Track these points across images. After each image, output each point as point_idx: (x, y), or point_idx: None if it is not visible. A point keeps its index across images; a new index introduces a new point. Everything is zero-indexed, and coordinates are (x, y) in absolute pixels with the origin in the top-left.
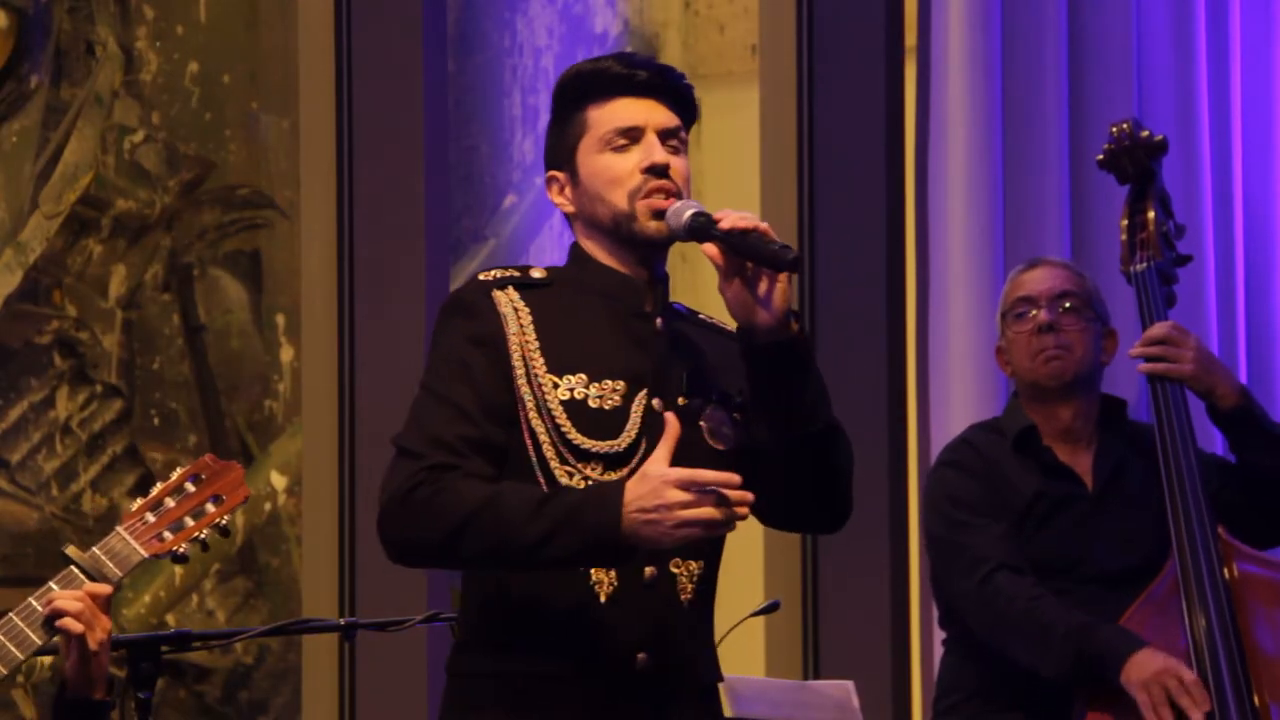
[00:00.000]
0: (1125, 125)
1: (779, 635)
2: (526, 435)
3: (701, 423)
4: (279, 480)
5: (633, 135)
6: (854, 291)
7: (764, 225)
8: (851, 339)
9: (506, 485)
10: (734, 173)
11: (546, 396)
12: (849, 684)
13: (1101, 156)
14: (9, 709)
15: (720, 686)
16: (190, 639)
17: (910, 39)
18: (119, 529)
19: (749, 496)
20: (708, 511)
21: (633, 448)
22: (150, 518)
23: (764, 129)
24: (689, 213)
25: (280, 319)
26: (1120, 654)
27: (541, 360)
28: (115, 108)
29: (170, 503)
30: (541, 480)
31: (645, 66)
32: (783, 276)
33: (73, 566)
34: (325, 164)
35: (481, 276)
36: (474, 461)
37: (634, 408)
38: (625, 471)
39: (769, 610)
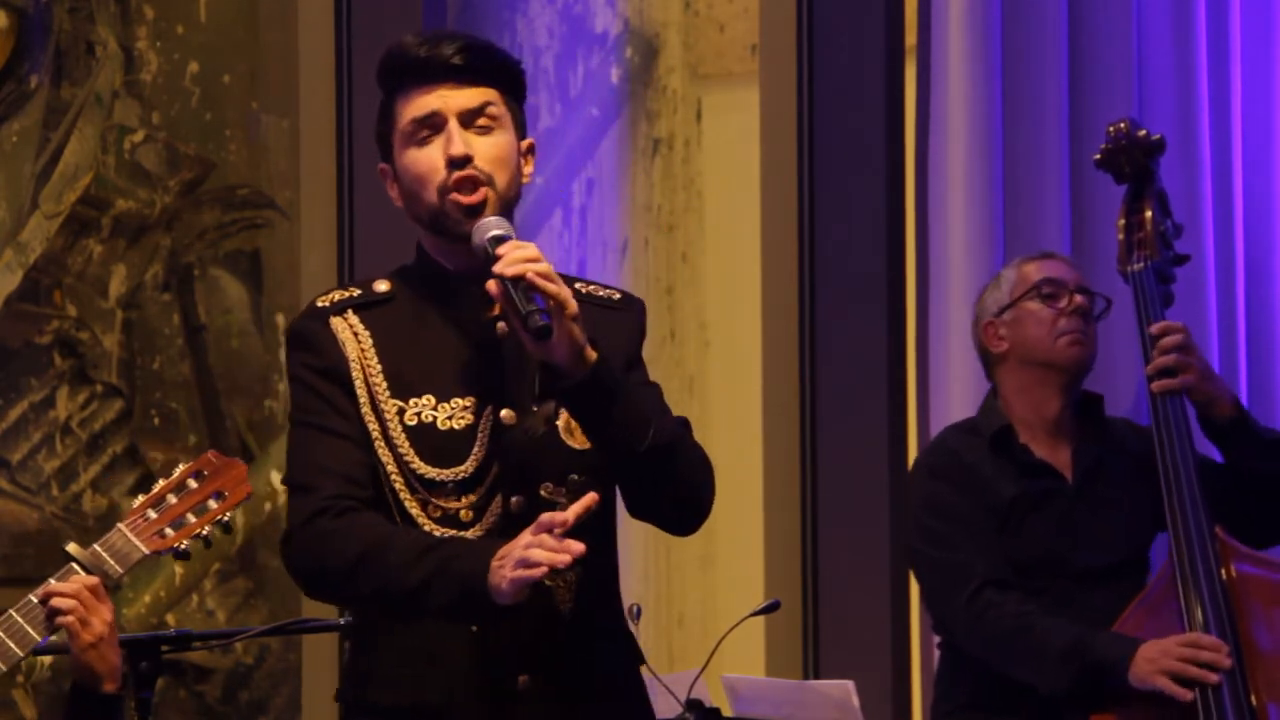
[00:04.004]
0: (1123, 124)
1: (779, 635)
2: (378, 466)
3: (557, 423)
4: (279, 480)
5: (433, 124)
6: (854, 292)
7: (534, 274)
8: (851, 339)
9: (401, 527)
10: (734, 173)
11: (389, 425)
12: (849, 684)
13: (1099, 156)
14: (9, 709)
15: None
16: (190, 639)
17: (910, 39)
18: (120, 526)
19: (576, 549)
20: (536, 553)
21: (481, 470)
22: (152, 514)
23: (764, 129)
24: (489, 234)
25: (280, 319)
26: (1122, 657)
27: (385, 385)
28: (115, 108)
29: (172, 499)
30: (394, 510)
31: (438, 50)
32: (566, 319)
33: (73, 563)
34: (325, 164)
35: (319, 302)
36: (365, 489)
37: (481, 425)
38: (476, 496)
39: (769, 610)
